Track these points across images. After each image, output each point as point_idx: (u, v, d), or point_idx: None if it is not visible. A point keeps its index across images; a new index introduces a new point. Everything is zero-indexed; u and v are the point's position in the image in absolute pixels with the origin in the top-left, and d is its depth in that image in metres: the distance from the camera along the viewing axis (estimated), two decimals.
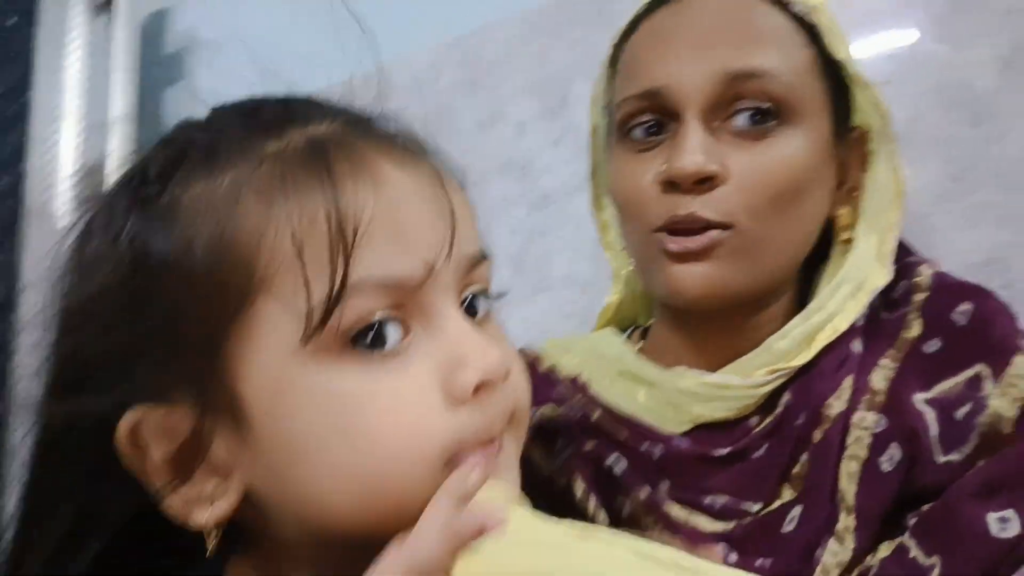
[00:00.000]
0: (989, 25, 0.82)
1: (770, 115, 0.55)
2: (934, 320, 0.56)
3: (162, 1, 1.48)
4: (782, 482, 0.55)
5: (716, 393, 0.58)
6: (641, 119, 0.59)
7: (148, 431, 0.36)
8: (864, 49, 0.86)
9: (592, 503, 0.60)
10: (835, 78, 0.59)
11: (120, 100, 1.29)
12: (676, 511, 0.57)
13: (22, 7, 1.31)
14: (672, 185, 0.56)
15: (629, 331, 0.75)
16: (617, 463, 0.60)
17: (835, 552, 0.50)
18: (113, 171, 1.27)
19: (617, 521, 0.59)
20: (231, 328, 0.35)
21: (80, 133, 1.26)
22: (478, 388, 0.37)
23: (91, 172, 1.27)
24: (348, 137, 0.39)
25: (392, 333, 0.36)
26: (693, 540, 0.55)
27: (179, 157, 0.38)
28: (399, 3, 1.23)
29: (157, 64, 1.45)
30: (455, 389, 0.37)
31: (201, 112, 0.43)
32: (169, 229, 0.36)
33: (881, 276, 0.58)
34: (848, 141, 0.61)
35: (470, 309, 0.41)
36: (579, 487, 0.60)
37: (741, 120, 0.56)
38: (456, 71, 1.15)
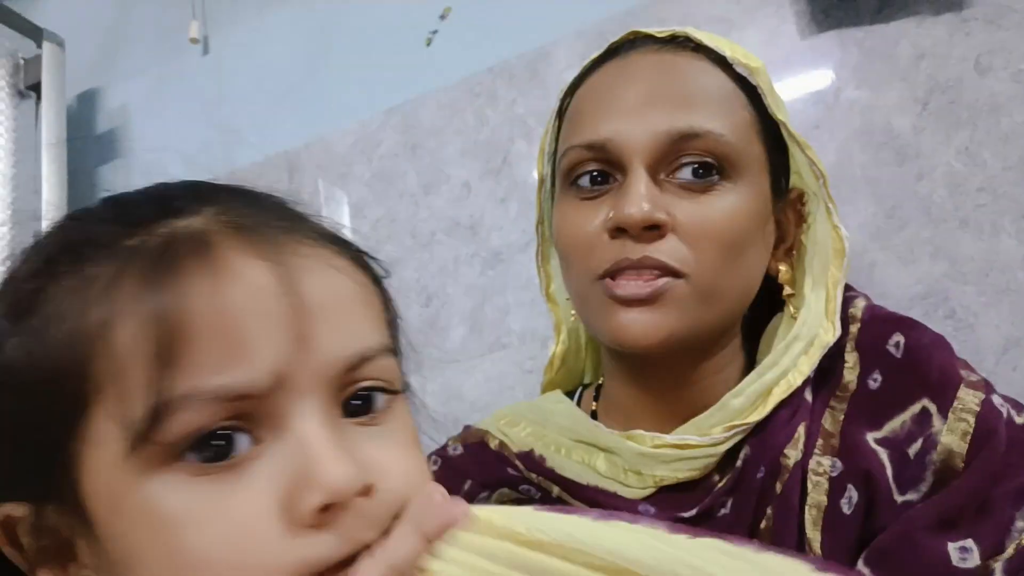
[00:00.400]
0: (903, 70, 0.87)
1: (713, 170, 0.57)
2: (870, 352, 0.57)
3: (92, 80, 1.46)
4: (751, 539, 0.55)
5: (677, 454, 0.57)
6: (586, 168, 0.59)
7: (21, 527, 0.36)
8: (787, 98, 0.90)
9: None
10: (773, 140, 0.61)
11: (50, 183, 1.25)
12: None
13: None
14: (620, 231, 0.56)
15: (579, 392, 0.73)
16: None
17: None
18: None
19: None
20: (71, 435, 0.33)
21: (8, 220, 1.22)
22: (328, 508, 0.33)
23: None
24: (214, 232, 0.35)
25: (239, 442, 0.33)
26: None
27: (50, 255, 0.36)
28: (334, 76, 1.24)
29: (90, 144, 1.42)
30: (297, 512, 0.32)
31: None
32: (22, 331, 0.34)
33: (830, 332, 0.59)
34: (785, 201, 0.63)
35: (366, 405, 0.37)
36: None
37: (685, 173, 0.57)
38: (397, 137, 1.16)
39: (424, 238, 1.11)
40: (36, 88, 1.33)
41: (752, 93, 0.60)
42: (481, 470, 0.68)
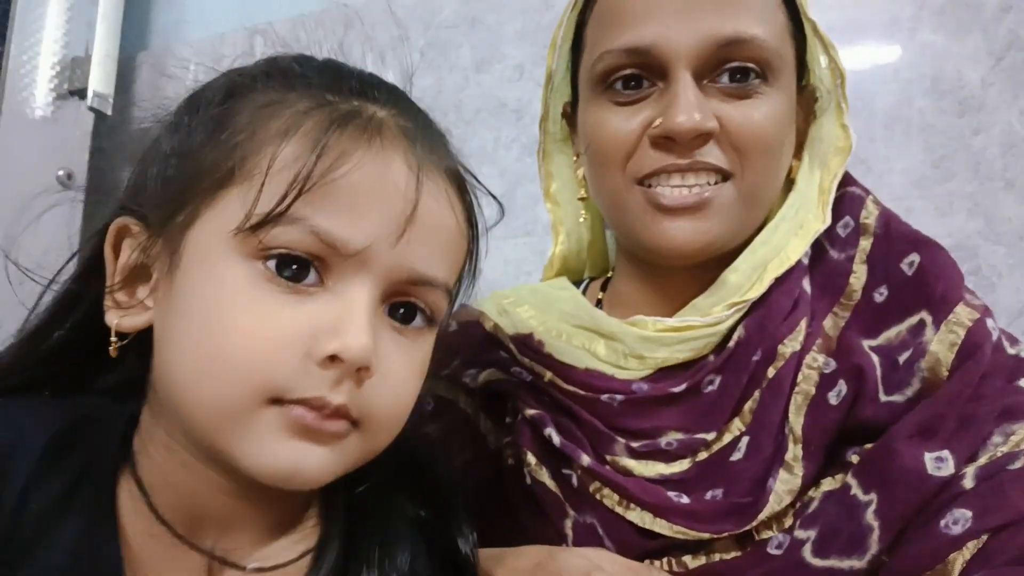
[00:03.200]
0: (985, 21, 0.84)
1: (753, 75, 0.57)
2: (882, 268, 0.58)
3: None
4: (733, 415, 0.57)
5: (679, 336, 0.59)
6: (623, 72, 0.58)
7: (128, 240, 0.45)
8: (860, 31, 0.88)
9: (544, 474, 0.60)
10: (799, 38, 0.61)
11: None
12: (631, 464, 0.58)
13: None
14: (666, 140, 0.56)
15: (585, 283, 0.74)
16: (554, 434, 0.60)
17: (786, 480, 0.52)
18: (97, 65, 1.22)
19: (567, 490, 0.59)
20: (209, 194, 0.42)
21: (63, 25, 1.22)
22: (333, 359, 0.40)
23: (72, 65, 1.22)
24: (389, 125, 0.43)
25: (310, 275, 0.41)
26: (645, 492, 0.56)
27: (269, 72, 0.45)
28: None
29: None
30: (312, 349, 0.40)
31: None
32: (225, 103, 0.44)
33: (819, 221, 0.60)
34: (801, 97, 0.63)
35: (406, 317, 0.45)
36: (531, 459, 0.61)
37: (727, 79, 0.57)
38: (458, 6, 1.14)
39: (468, 115, 1.11)
40: None
41: None
42: (471, 349, 0.69)
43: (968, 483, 0.46)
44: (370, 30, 1.25)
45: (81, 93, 1.21)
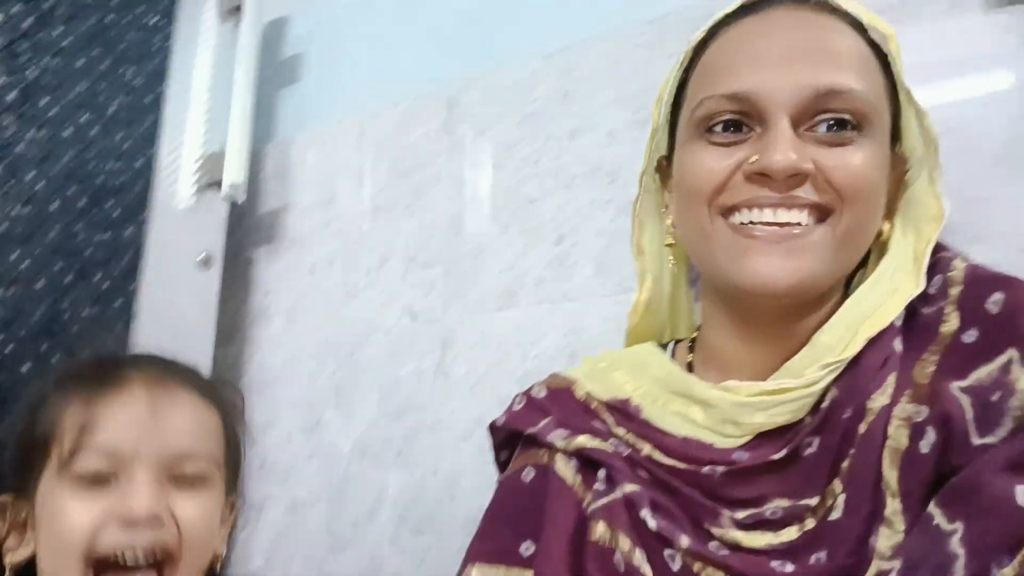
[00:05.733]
0: None
1: (849, 126, 0.58)
2: (970, 311, 0.56)
3: (284, 8, 1.59)
4: (832, 477, 0.56)
5: (774, 400, 0.58)
6: (722, 117, 0.61)
7: (4, 511, 0.69)
8: (960, 74, 0.86)
9: (639, 558, 0.58)
10: (894, 105, 0.63)
11: (240, 96, 1.38)
12: (739, 535, 0.57)
13: (163, 8, 1.44)
14: (761, 176, 0.58)
15: (673, 345, 0.74)
16: (649, 517, 0.59)
17: (888, 536, 0.51)
18: (231, 158, 1.35)
19: (667, 574, 0.58)
20: (42, 462, 0.66)
21: (204, 124, 1.37)
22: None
23: (210, 160, 1.37)
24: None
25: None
26: (749, 566, 0.56)
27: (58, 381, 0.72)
28: (501, 18, 1.29)
29: (275, 66, 1.55)
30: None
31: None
32: (43, 404, 0.70)
33: (914, 286, 0.60)
34: (894, 161, 0.63)
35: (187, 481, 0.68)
36: (624, 543, 0.60)
37: (823, 128, 0.58)
38: (552, 82, 1.20)
39: (566, 180, 1.15)
40: (238, 10, 1.47)
41: (883, 59, 0.61)
42: (564, 413, 0.69)
43: None
44: (470, 110, 1.32)
45: (217, 185, 1.35)
